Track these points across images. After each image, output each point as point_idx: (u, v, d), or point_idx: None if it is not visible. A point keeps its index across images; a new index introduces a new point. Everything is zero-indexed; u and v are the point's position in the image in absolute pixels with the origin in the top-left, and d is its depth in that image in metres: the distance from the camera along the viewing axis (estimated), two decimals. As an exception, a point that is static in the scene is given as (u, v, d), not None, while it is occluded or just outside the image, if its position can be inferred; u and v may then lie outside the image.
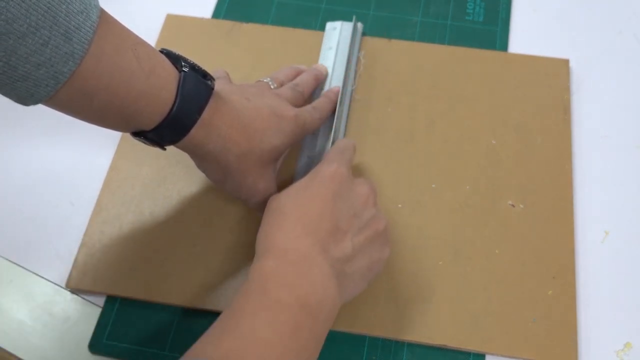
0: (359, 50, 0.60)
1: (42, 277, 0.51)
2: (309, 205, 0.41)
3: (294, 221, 0.40)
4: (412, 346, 0.47)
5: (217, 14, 0.64)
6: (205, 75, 0.43)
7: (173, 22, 0.63)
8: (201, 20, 0.63)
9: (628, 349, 0.47)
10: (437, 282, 0.49)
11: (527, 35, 0.62)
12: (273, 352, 0.35)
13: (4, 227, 0.53)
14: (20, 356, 0.48)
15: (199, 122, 0.42)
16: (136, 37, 0.40)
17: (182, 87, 0.41)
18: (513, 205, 0.52)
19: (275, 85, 0.52)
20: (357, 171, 0.53)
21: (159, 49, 0.43)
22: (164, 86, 0.40)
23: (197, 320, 0.48)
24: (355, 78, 0.58)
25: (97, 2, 0.37)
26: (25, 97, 0.36)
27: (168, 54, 0.42)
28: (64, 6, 0.34)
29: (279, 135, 0.46)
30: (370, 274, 0.43)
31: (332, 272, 0.40)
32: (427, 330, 0.47)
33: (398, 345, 0.47)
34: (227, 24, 0.62)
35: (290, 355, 0.36)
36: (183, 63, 0.42)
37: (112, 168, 0.54)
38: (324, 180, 0.42)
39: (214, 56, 0.60)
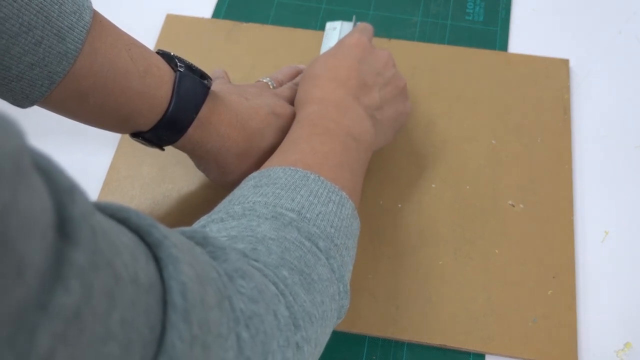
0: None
1: (42, 277, 0.51)
2: (339, 66, 0.47)
3: (327, 79, 0.47)
4: (412, 346, 0.47)
5: (217, 14, 0.64)
6: (202, 75, 0.43)
7: (173, 22, 0.63)
8: (201, 20, 0.63)
9: (628, 349, 0.46)
10: (437, 282, 0.48)
11: (527, 35, 0.62)
12: (331, 161, 0.41)
13: (3, 227, 0.53)
14: (19, 356, 0.48)
15: (197, 121, 0.42)
16: (130, 38, 0.40)
17: (178, 86, 0.41)
18: (513, 205, 0.52)
19: (275, 85, 0.52)
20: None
21: (158, 48, 0.44)
22: (160, 86, 0.40)
23: (196, 320, 0.48)
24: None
25: (90, 4, 0.37)
26: (21, 99, 0.36)
27: (164, 55, 0.42)
28: (56, 6, 0.34)
29: (277, 134, 0.46)
30: (396, 124, 0.50)
31: (365, 114, 0.46)
32: (427, 330, 0.47)
33: (398, 345, 0.47)
34: (227, 24, 0.62)
35: (344, 166, 0.42)
36: (178, 63, 0.42)
37: (112, 168, 0.54)
38: (349, 47, 0.48)
39: (214, 56, 0.60)
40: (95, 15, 0.37)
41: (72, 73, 0.36)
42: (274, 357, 0.29)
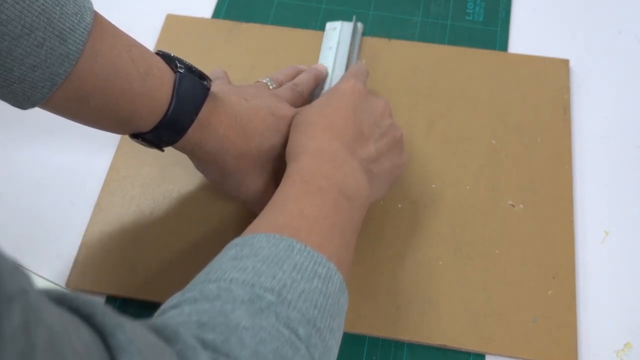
0: (359, 51, 0.60)
1: (42, 277, 0.51)
2: (333, 115, 0.45)
3: (322, 129, 0.44)
4: (412, 346, 0.47)
5: (217, 14, 0.64)
6: (201, 76, 0.43)
7: (173, 22, 0.63)
8: (201, 20, 0.63)
9: (628, 349, 0.46)
10: (437, 282, 0.48)
11: (527, 35, 0.62)
12: (320, 225, 0.38)
13: (4, 227, 0.53)
14: (20, 356, 0.48)
15: (196, 122, 0.42)
16: (131, 39, 0.40)
17: (178, 87, 0.41)
18: (513, 205, 0.52)
19: (274, 85, 0.52)
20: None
21: (158, 49, 0.44)
22: (160, 87, 0.40)
23: (197, 320, 0.48)
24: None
25: (91, 5, 0.37)
26: (22, 100, 0.36)
27: (163, 56, 0.42)
28: (57, 8, 0.34)
29: (277, 135, 0.46)
30: (392, 177, 0.48)
31: (361, 168, 0.44)
32: (427, 330, 0.47)
33: (398, 345, 0.47)
34: (227, 24, 0.62)
35: (334, 230, 0.39)
36: (178, 64, 0.42)
37: (112, 168, 0.54)
38: (344, 94, 0.46)
39: (214, 56, 0.60)
40: (96, 16, 0.37)
41: (73, 75, 0.36)
42: None
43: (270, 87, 0.51)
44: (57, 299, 0.24)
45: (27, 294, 0.18)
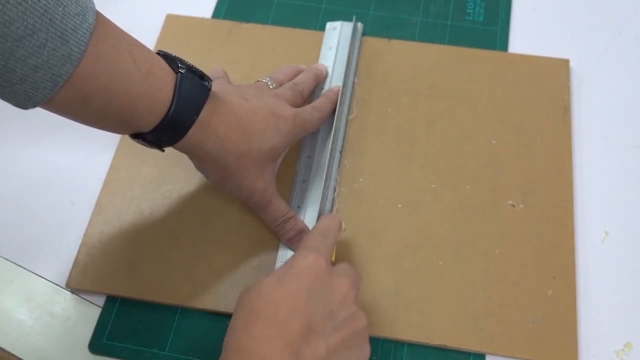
0: (359, 51, 0.60)
1: (42, 277, 0.51)
2: (280, 303, 0.37)
3: (263, 322, 0.36)
4: (412, 346, 0.47)
5: (217, 14, 0.64)
6: (202, 77, 0.43)
7: (173, 22, 0.63)
8: (201, 20, 0.63)
9: (628, 349, 0.47)
10: (437, 282, 0.48)
11: (527, 35, 0.62)
12: None
13: (4, 227, 0.53)
14: (20, 356, 0.48)
15: (197, 122, 0.42)
16: (132, 39, 0.40)
17: (179, 88, 0.41)
18: (513, 205, 0.52)
19: (274, 85, 0.52)
20: (356, 173, 0.53)
21: (158, 49, 0.44)
22: (161, 87, 0.40)
23: (197, 320, 0.48)
24: (355, 78, 0.58)
25: (93, 5, 0.37)
26: (23, 101, 0.36)
27: (165, 56, 0.42)
28: (60, 9, 0.34)
29: (278, 135, 0.46)
30: None
31: None
32: (427, 330, 0.47)
33: (398, 345, 0.47)
34: (227, 24, 0.62)
35: None
36: (179, 64, 0.42)
37: (112, 168, 0.54)
38: (299, 274, 0.38)
39: (214, 56, 0.60)
40: (98, 16, 0.37)
41: (75, 75, 0.36)
42: None
43: (271, 87, 0.51)
44: None
45: None
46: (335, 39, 0.59)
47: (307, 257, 0.39)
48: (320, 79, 0.56)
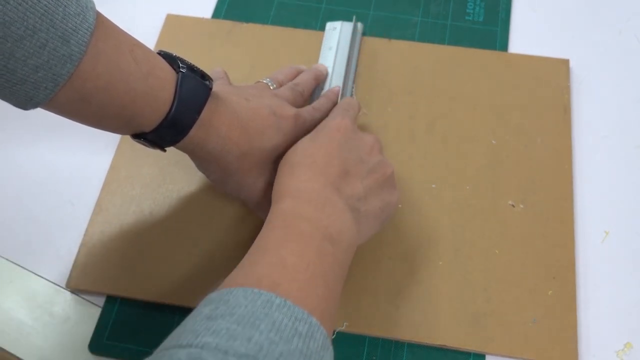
0: (359, 51, 0.60)
1: (42, 277, 0.51)
2: (317, 153, 0.43)
3: (304, 168, 0.42)
4: (412, 346, 0.47)
5: (217, 14, 0.64)
6: (203, 76, 0.43)
7: (173, 22, 0.63)
8: (201, 20, 0.63)
9: (628, 349, 0.47)
10: (437, 282, 0.49)
11: (527, 35, 0.62)
12: (302, 275, 0.36)
13: (4, 227, 0.53)
14: (20, 356, 0.48)
15: (198, 122, 0.42)
16: (133, 38, 0.40)
17: (180, 87, 0.41)
18: (513, 205, 0.52)
19: (275, 85, 0.52)
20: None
21: (159, 49, 0.44)
22: (162, 87, 0.40)
23: (197, 320, 0.48)
24: (355, 78, 0.58)
25: (93, 5, 0.37)
26: (24, 101, 0.36)
27: (165, 56, 0.42)
28: (60, 9, 0.34)
29: (279, 135, 0.46)
30: (383, 215, 0.45)
31: (346, 207, 0.42)
32: (427, 330, 0.47)
33: (398, 345, 0.47)
34: (227, 24, 0.62)
35: (317, 279, 0.37)
36: (180, 64, 0.42)
37: (112, 168, 0.54)
38: (330, 131, 0.45)
39: (214, 56, 0.60)
40: (98, 16, 0.37)
41: (76, 75, 0.36)
42: None
43: (271, 88, 0.51)
44: None
45: None
46: (335, 39, 0.59)
47: (335, 117, 0.46)
48: (320, 79, 0.56)
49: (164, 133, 0.41)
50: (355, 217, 0.42)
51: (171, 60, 0.42)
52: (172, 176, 0.54)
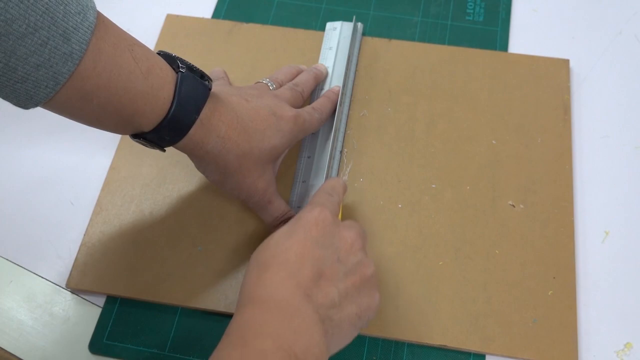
0: (359, 51, 0.60)
1: (42, 277, 0.51)
2: (289, 252, 0.38)
3: (275, 268, 0.38)
4: (412, 346, 0.47)
5: (217, 14, 0.64)
6: (202, 76, 0.43)
7: (173, 22, 0.63)
8: (201, 20, 0.63)
9: (628, 349, 0.47)
10: (437, 282, 0.49)
11: (527, 35, 0.62)
12: None
13: (4, 227, 0.53)
14: (20, 356, 0.48)
15: (198, 122, 0.42)
16: (133, 38, 0.40)
17: (180, 87, 0.41)
18: (513, 205, 0.52)
19: (275, 86, 0.52)
20: (356, 173, 0.53)
21: (159, 49, 0.44)
22: (162, 86, 0.40)
23: (197, 320, 0.48)
24: (355, 78, 0.58)
25: (94, 4, 0.37)
26: (25, 100, 0.36)
27: (165, 56, 0.43)
28: (61, 7, 0.34)
29: (278, 135, 0.46)
30: (360, 322, 0.40)
31: (317, 317, 0.37)
32: (427, 330, 0.47)
33: (398, 345, 0.47)
34: (227, 24, 0.62)
35: None
36: (180, 64, 0.42)
37: (112, 168, 0.54)
38: (306, 225, 0.40)
39: (214, 56, 0.60)
40: (98, 15, 0.37)
41: (76, 74, 0.36)
42: None
43: (271, 88, 0.52)
44: None
45: None
46: (335, 39, 0.59)
47: (313, 210, 0.41)
48: (320, 79, 0.56)
49: (164, 133, 0.41)
50: (326, 328, 0.37)
51: (171, 60, 0.42)
52: (172, 176, 0.54)
